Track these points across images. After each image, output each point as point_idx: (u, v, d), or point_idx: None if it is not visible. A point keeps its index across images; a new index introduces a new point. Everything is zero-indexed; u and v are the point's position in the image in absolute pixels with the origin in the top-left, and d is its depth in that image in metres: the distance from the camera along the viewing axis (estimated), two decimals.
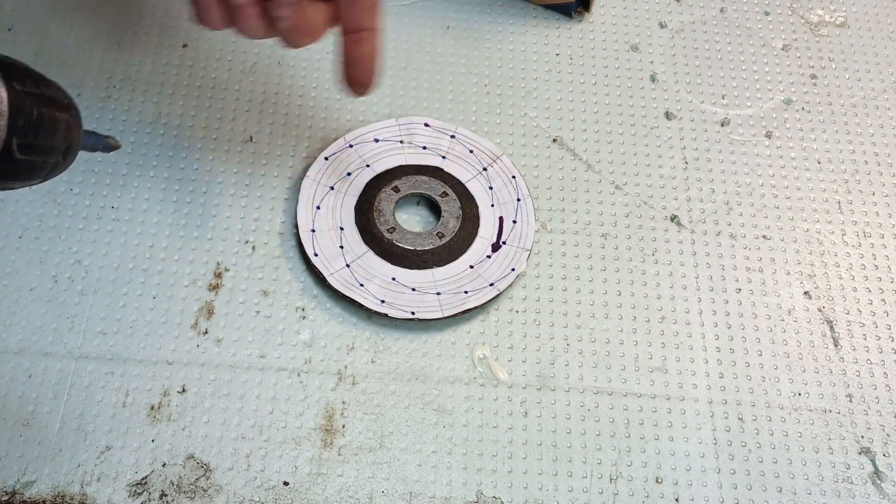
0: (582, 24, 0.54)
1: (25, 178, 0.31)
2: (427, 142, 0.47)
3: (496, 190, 0.46)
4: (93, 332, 0.42)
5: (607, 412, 0.41)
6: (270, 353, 0.42)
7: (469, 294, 0.43)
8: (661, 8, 0.55)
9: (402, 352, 0.42)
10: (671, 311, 0.44)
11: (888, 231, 0.47)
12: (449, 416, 0.41)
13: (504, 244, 0.45)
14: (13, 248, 0.44)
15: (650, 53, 0.53)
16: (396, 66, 0.51)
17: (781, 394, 0.42)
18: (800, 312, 0.45)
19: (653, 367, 0.43)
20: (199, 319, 0.42)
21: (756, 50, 0.53)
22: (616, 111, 0.50)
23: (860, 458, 0.41)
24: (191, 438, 0.39)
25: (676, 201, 0.48)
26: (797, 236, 0.47)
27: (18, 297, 0.42)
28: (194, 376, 0.41)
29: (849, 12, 0.55)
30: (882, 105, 0.52)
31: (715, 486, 0.40)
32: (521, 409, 0.41)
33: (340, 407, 0.41)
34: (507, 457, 0.40)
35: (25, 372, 0.41)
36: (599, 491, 0.39)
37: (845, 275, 0.46)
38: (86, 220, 0.45)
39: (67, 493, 0.38)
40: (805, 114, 0.51)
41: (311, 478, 0.39)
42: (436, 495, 0.39)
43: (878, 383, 0.43)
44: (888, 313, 0.45)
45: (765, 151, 0.50)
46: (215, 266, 0.44)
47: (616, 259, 0.46)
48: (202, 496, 0.38)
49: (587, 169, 0.48)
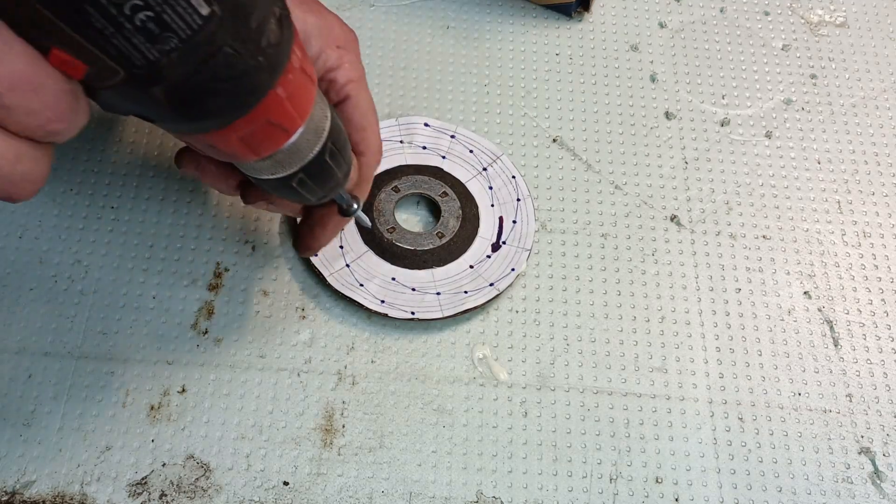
0: (582, 24, 0.54)
1: (321, 183, 0.33)
2: (427, 142, 0.47)
3: (496, 190, 0.46)
4: (93, 332, 0.42)
5: (607, 412, 0.41)
6: (270, 353, 0.42)
7: (469, 294, 0.43)
8: (660, 8, 0.55)
9: (402, 352, 0.42)
10: (671, 311, 0.44)
11: (888, 231, 0.47)
12: (449, 416, 0.41)
13: (504, 244, 0.45)
14: (13, 248, 0.44)
15: (650, 53, 0.53)
16: (396, 66, 0.51)
17: (781, 394, 0.42)
18: (800, 312, 0.45)
19: (653, 367, 0.43)
20: (199, 319, 0.42)
21: (756, 50, 0.53)
22: (616, 111, 0.50)
23: (860, 457, 0.41)
24: (191, 438, 0.39)
25: (676, 201, 0.48)
26: (797, 236, 0.47)
27: (18, 297, 0.42)
28: (194, 376, 0.41)
29: (849, 12, 0.55)
30: (882, 105, 0.52)
31: (715, 485, 0.40)
32: (521, 409, 0.41)
33: (340, 407, 0.41)
34: (506, 457, 0.40)
35: (25, 372, 0.41)
36: (599, 491, 0.39)
37: (845, 275, 0.46)
38: (86, 220, 0.45)
39: (67, 493, 0.38)
40: (805, 114, 0.51)
41: (310, 478, 0.39)
42: (436, 495, 0.39)
43: (877, 383, 0.43)
44: (888, 313, 0.45)
45: (765, 151, 0.50)
46: (215, 266, 0.44)
47: (616, 259, 0.46)
48: (202, 496, 0.38)
49: (587, 169, 0.48)
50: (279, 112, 0.28)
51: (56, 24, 0.21)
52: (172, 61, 0.23)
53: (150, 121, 0.26)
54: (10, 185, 0.25)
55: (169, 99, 0.24)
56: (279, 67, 0.26)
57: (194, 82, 0.24)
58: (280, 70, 0.26)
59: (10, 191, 0.25)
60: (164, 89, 0.24)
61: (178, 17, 0.22)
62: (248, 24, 0.24)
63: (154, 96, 0.24)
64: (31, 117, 0.23)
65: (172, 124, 0.27)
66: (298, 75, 0.28)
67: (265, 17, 0.25)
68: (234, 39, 0.24)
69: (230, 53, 0.24)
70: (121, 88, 0.24)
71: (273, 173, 0.31)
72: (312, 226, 0.40)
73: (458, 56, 0.52)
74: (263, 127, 0.28)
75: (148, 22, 0.22)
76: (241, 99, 0.26)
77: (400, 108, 0.49)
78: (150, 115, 0.26)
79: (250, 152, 0.29)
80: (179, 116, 0.26)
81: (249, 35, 0.24)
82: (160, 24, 0.22)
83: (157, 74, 0.23)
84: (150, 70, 0.23)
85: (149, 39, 0.22)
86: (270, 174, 0.31)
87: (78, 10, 0.21)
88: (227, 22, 0.23)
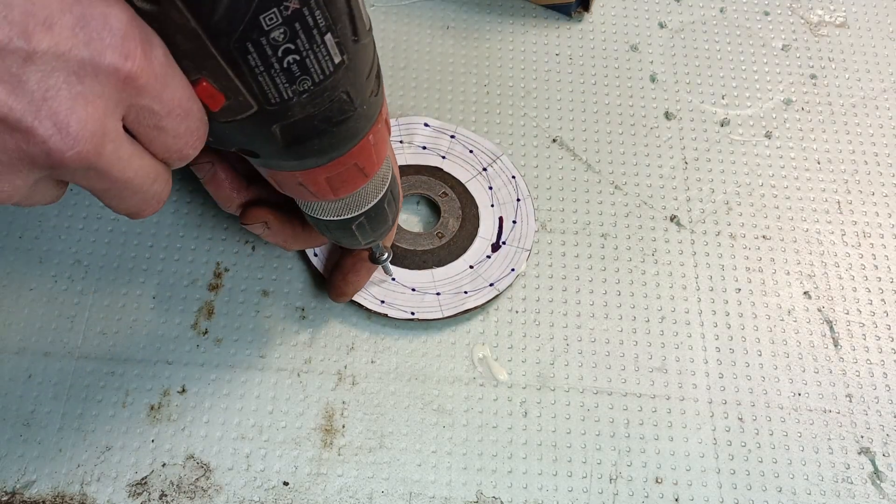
0: (582, 24, 0.54)
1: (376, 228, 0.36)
2: (427, 142, 0.47)
3: (496, 190, 0.46)
4: (93, 332, 0.42)
5: (607, 412, 0.41)
6: (270, 353, 0.42)
7: (469, 294, 0.43)
8: (660, 8, 0.55)
9: (402, 352, 0.42)
10: (671, 311, 0.44)
11: (888, 231, 0.47)
12: (449, 416, 0.41)
13: (504, 244, 0.45)
14: (13, 248, 0.44)
15: (650, 53, 0.53)
16: (396, 66, 0.51)
17: (781, 394, 0.42)
18: (799, 312, 0.45)
19: (652, 367, 0.43)
20: (199, 319, 0.42)
21: (756, 50, 0.53)
22: (616, 111, 0.50)
23: (860, 458, 0.41)
24: (191, 438, 0.40)
25: (676, 201, 0.48)
26: (797, 236, 0.47)
27: (18, 297, 0.42)
28: (194, 376, 0.41)
29: (849, 12, 0.55)
30: (882, 105, 0.52)
31: (715, 486, 0.40)
32: (521, 409, 0.41)
33: (340, 407, 0.41)
34: (506, 457, 0.40)
35: (25, 372, 0.41)
36: (599, 491, 0.39)
37: (845, 275, 0.46)
38: (86, 220, 0.45)
39: (67, 494, 0.38)
40: (805, 114, 0.51)
41: (310, 478, 0.39)
42: (435, 495, 0.39)
43: (877, 383, 0.43)
44: (888, 313, 0.45)
45: (764, 151, 0.50)
46: (215, 266, 0.44)
47: (616, 259, 0.46)
48: (202, 496, 0.38)
49: (587, 169, 0.48)
50: (366, 157, 0.30)
51: (214, 59, 0.23)
52: (301, 102, 0.25)
53: (252, 155, 0.28)
54: (142, 203, 0.26)
55: (283, 136, 0.26)
56: (374, 116, 0.29)
57: (310, 123, 0.26)
58: (374, 119, 0.29)
59: (141, 207, 0.27)
60: (283, 127, 0.26)
61: (317, 62, 0.24)
62: (362, 75, 0.27)
63: (271, 132, 0.26)
64: (176, 141, 0.25)
65: (276, 160, 0.29)
66: (383, 125, 0.31)
67: (371, 70, 0.27)
68: (351, 87, 0.26)
69: (345, 100, 0.26)
70: (244, 123, 0.26)
71: (338, 215, 0.33)
72: (346, 273, 0.41)
73: (458, 56, 0.52)
74: (349, 169, 0.30)
75: (293, 64, 0.24)
76: (343, 142, 0.28)
77: (400, 108, 0.49)
78: (259, 149, 0.28)
79: (330, 192, 0.31)
80: (286, 153, 0.28)
81: (361, 85, 0.27)
82: (302, 67, 0.24)
83: (285, 112, 0.25)
84: (281, 107, 0.25)
85: (289, 80, 0.24)
86: (335, 215, 0.33)
87: (241, 48, 0.23)
88: (350, 71, 0.26)
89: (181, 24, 0.23)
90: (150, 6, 0.22)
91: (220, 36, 0.23)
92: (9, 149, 0.22)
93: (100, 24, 0.22)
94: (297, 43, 0.24)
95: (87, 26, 0.22)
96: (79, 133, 0.22)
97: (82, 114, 0.22)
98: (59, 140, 0.22)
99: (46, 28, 0.21)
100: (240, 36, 0.23)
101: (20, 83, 0.21)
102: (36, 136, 0.22)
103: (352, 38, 0.25)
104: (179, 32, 0.23)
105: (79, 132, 0.22)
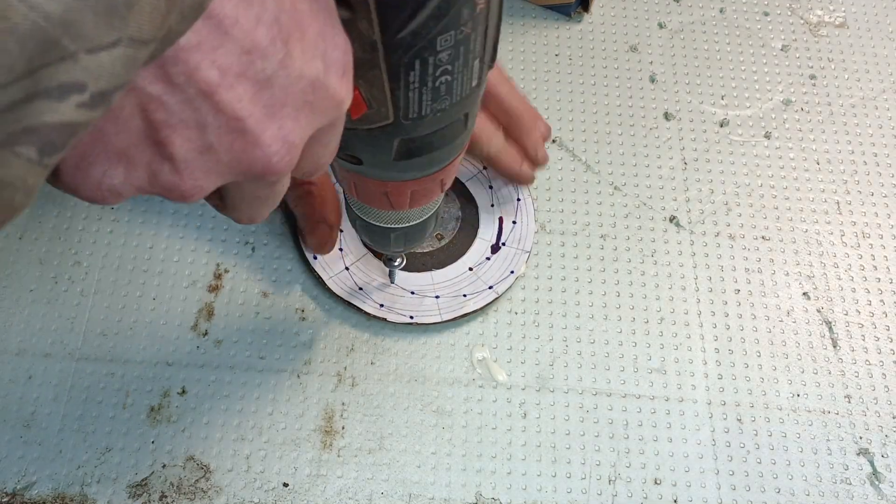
0: (581, 25, 0.54)
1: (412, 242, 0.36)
2: None
3: (496, 189, 0.46)
4: (93, 333, 0.42)
5: (606, 413, 0.41)
6: (270, 355, 0.42)
7: (468, 297, 0.43)
8: (660, 8, 0.55)
9: (402, 353, 0.42)
10: (670, 312, 0.44)
11: (887, 231, 0.47)
12: (448, 418, 0.41)
13: (504, 245, 0.45)
14: (13, 248, 0.44)
15: (649, 54, 0.53)
16: None
17: (780, 395, 0.42)
18: (799, 313, 0.45)
19: (651, 369, 0.43)
20: (199, 321, 0.42)
21: (755, 50, 0.53)
22: (615, 111, 0.50)
23: (858, 458, 0.41)
24: (191, 440, 0.40)
25: (675, 202, 0.48)
26: (796, 237, 0.47)
27: (18, 297, 0.42)
28: (194, 377, 0.41)
29: (848, 12, 0.55)
30: (881, 105, 0.52)
31: (714, 487, 0.40)
32: (521, 411, 0.41)
33: (340, 408, 0.41)
34: (506, 458, 0.40)
35: (25, 373, 0.41)
36: (598, 492, 0.40)
37: (844, 276, 0.46)
38: (86, 220, 0.45)
39: (67, 495, 0.38)
40: (804, 114, 0.51)
41: (310, 479, 0.39)
42: (435, 496, 0.39)
43: (876, 384, 0.43)
44: (887, 314, 0.45)
45: (764, 152, 0.50)
46: (215, 267, 0.44)
47: (615, 260, 0.46)
48: (202, 497, 0.38)
49: (586, 169, 0.48)
50: (450, 174, 0.30)
51: (377, 69, 0.23)
52: (433, 119, 0.25)
53: (355, 162, 0.28)
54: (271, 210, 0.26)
55: (400, 148, 0.26)
56: (468, 139, 0.29)
57: (429, 139, 0.26)
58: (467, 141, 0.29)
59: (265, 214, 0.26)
60: (403, 140, 0.26)
61: (461, 84, 0.25)
62: (478, 101, 0.27)
63: (391, 144, 0.26)
64: (326, 156, 0.25)
65: (378, 169, 0.28)
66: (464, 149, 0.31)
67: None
68: (471, 110, 0.27)
69: (462, 121, 0.27)
70: (372, 132, 0.26)
71: (389, 223, 0.33)
72: (334, 227, 0.41)
73: None
74: (433, 185, 0.30)
75: (443, 84, 0.24)
76: (445, 159, 0.29)
77: None
78: (368, 158, 0.28)
79: (408, 203, 0.31)
80: (392, 165, 0.28)
81: (475, 110, 0.27)
82: (448, 88, 0.24)
83: (416, 127, 0.25)
84: (413, 123, 0.25)
85: (433, 98, 0.25)
86: (386, 223, 0.33)
87: (409, 64, 0.23)
88: (475, 96, 0.26)
89: (364, 34, 0.22)
90: (346, 13, 0.22)
91: (395, 50, 0.23)
92: (223, 148, 0.21)
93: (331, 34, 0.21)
94: (455, 65, 0.24)
95: (325, 39, 0.21)
96: (293, 146, 0.21)
97: (296, 127, 0.21)
98: (280, 155, 0.21)
99: (300, 37, 0.20)
100: (414, 53, 0.23)
101: (266, 87, 0.20)
102: (261, 145, 0.21)
103: (489, 64, 0.26)
104: (357, 41, 0.22)
105: (294, 145, 0.21)
